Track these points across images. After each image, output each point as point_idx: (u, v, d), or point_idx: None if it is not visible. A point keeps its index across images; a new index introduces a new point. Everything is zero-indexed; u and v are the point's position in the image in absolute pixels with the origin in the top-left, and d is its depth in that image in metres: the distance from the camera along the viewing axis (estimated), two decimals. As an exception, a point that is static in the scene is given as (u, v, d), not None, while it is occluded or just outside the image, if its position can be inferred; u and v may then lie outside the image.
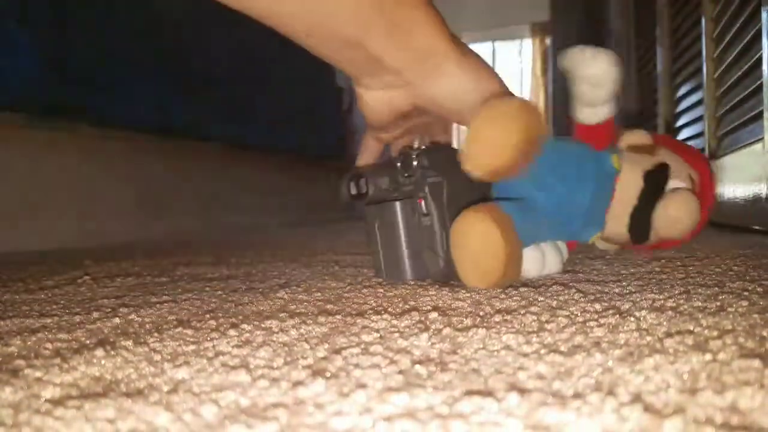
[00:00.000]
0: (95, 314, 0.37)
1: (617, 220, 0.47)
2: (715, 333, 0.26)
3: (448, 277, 0.43)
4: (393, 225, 0.43)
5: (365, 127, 0.45)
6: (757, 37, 0.84)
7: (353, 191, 0.44)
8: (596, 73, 0.44)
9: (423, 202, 0.43)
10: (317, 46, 0.38)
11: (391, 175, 0.44)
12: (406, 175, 0.43)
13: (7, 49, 1.04)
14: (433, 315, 0.32)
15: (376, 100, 0.41)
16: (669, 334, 0.26)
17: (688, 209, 0.44)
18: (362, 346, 0.27)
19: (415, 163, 0.43)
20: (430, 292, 0.39)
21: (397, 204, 0.43)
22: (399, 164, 0.44)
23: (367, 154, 0.48)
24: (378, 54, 0.37)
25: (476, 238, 0.39)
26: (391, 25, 0.36)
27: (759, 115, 0.84)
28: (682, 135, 1.34)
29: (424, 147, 0.44)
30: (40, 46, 1.10)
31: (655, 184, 0.46)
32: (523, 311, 0.32)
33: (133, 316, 0.36)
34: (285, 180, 1.94)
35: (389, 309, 0.35)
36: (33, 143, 1.09)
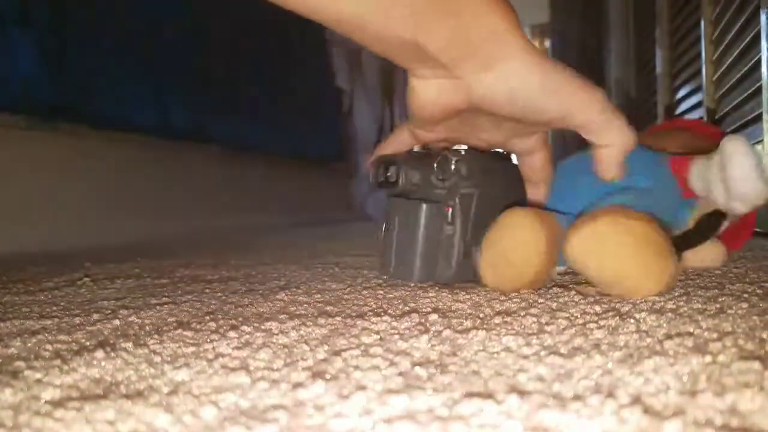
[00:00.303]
0: (95, 316, 0.37)
1: None
2: (715, 335, 0.26)
3: (452, 282, 0.43)
4: (414, 225, 0.42)
5: (406, 117, 0.42)
6: (756, 39, 0.85)
7: (381, 178, 0.43)
8: (743, 191, 0.39)
9: (450, 211, 0.42)
10: (367, 42, 0.35)
11: (423, 172, 0.42)
12: (440, 178, 0.42)
13: (7, 50, 1.04)
14: (433, 317, 0.32)
15: (428, 90, 0.37)
16: (669, 336, 0.26)
17: (715, 261, 0.49)
18: (362, 347, 0.27)
19: (453, 167, 0.41)
20: (430, 294, 0.39)
21: (424, 206, 0.42)
22: (435, 165, 0.42)
23: (396, 144, 0.44)
24: (431, 50, 0.34)
25: (521, 240, 0.38)
26: (447, 16, 0.33)
27: (758, 117, 0.84)
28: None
29: (464, 152, 0.42)
30: (40, 47, 1.10)
31: (708, 227, 0.45)
32: (523, 313, 0.33)
33: (133, 317, 0.36)
34: (284, 182, 1.94)
35: (389, 311, 0.35)
36: (33, 144, 1.09)
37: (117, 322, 0.35)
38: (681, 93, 1.38)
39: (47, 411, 0.20)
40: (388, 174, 0.42)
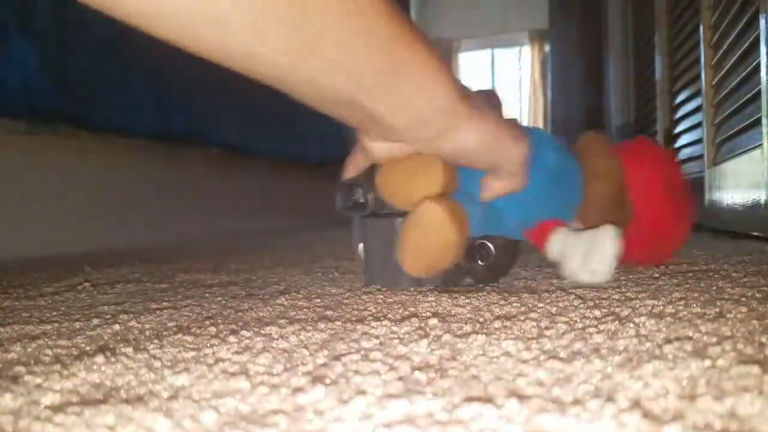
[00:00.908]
0: (95, 321, 0.37)
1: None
2: (714, 339, 0.26)
3: (447, 285, 0.43)
4: (392, 238, 0.43)
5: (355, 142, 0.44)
6: (755, 43, 0.85)
7: (350, 202, 0.44)
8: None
9: None
10: (319, 107, 0.37)
11: None
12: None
13: (8, 56, 1.04)
14: (433, 321, 0.32)
15: (382, 150, 0.40)
16: (668, 341, 0.26)
17: None
18: (362, 352, 0.27)
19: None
20: (430, 299, 0.39)
21: (399, 220, 0.42)
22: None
23: (355, 169, 0.45)
24: (384, 120, 0.36)
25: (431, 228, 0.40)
26: (394, 91, 0.34)
27: (757, 122, 0.84)
28: (681, 141, 1.34)
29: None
30: (41, 53, 1.10)
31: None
32: (522, 317, 0.33)
33: (133, 322, 0.36)
34: (284, 186, 1.94)
35: (389, 315, 0.35)
36: (33, 149, 1.09)
37: (117, 326, 0.35)
38: (680, 97, 1.38)
39: (47, 416, 0.20)
40: (355, 198, 0.44)
